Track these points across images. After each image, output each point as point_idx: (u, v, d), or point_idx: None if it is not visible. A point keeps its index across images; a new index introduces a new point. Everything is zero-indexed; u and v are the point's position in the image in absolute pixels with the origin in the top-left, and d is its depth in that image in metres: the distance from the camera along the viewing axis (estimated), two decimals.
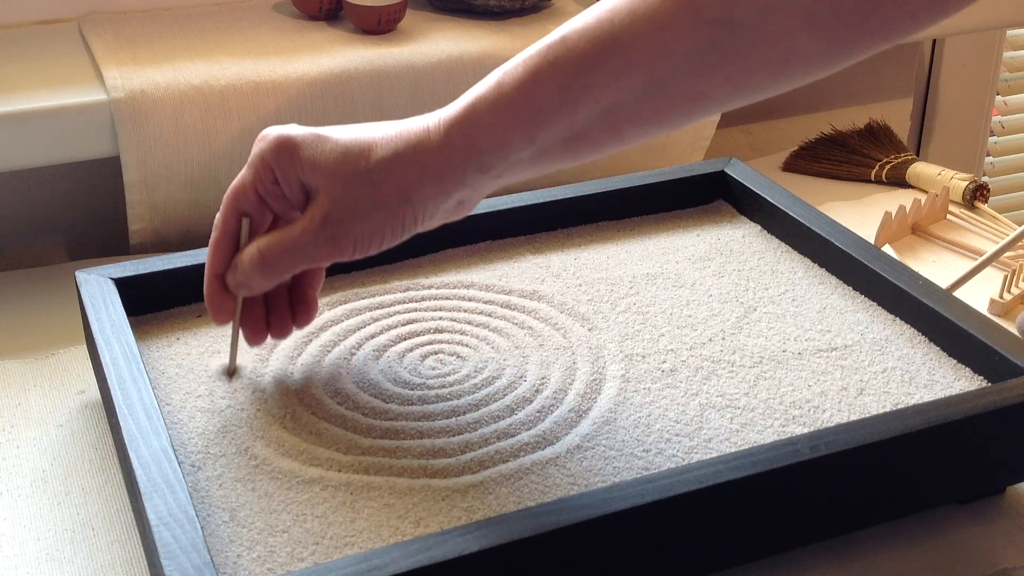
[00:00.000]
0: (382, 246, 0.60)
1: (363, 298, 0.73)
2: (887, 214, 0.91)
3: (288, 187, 0.60)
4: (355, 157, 0.58)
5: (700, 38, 0.53)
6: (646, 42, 0.54)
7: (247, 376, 0.66)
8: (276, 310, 0.65)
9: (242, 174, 0.61)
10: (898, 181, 1.03)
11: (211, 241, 0.62)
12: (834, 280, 0.75)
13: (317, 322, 0.70)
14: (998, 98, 1.47)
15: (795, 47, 0.53)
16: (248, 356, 0.67)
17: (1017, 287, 0.84)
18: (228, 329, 0.70)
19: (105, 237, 0.93)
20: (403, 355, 0.68)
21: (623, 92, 0.55)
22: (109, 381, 0.61)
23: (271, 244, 0.60)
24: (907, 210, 0.93)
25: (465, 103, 0.58)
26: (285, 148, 0.59)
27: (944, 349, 0.68)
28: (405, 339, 0.70)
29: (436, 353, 0.69)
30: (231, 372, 0.66)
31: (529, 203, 0.80)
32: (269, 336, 0.65)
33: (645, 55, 0.54)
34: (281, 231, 0.60)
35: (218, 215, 0.62)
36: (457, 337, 0.70)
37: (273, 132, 0.60)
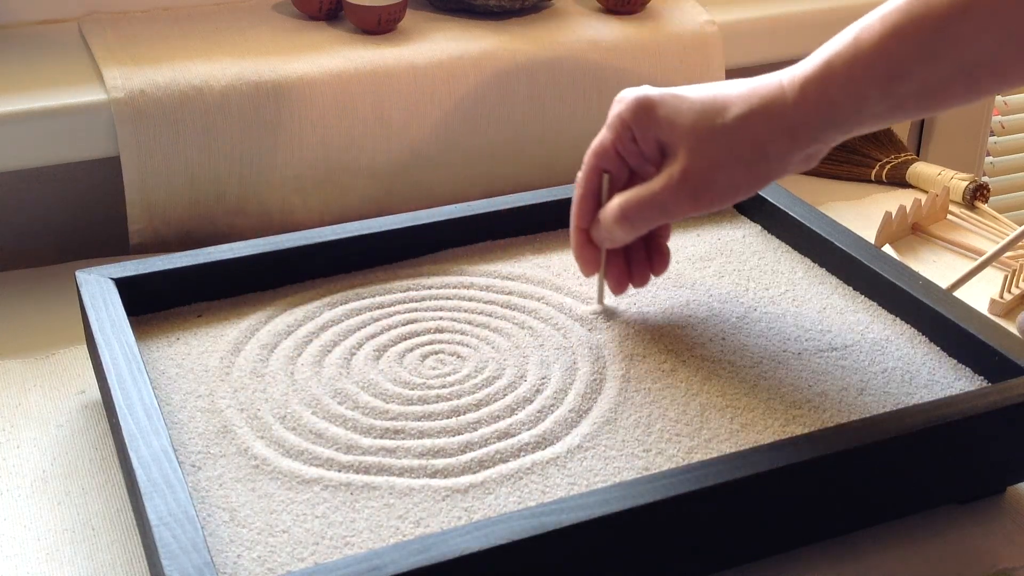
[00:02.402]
0: (736, 198, 0.63)
1: (363, 298, 0.73)
2: (887, 214, 0.91)
3: (646, 145, 0.64)
4: (711, 115, 0.61)
5: None
6: None
7: (247, 376, 0.66)
8: (636, 260, 0.70)
9: (602, 134, 0.66)
10: (898, 181, 1.03)
11: (575, 198, 0.67)
12: (834, 280, 0.75)
13: (317, 322, 0.70)
14: (998, 98, 1.47)
15: None
16: (249, 356, 0.67)
17: (1017, 287, 0.84)
18: (225, 331, 0.70)
19: (105, 237, 0.93)
20: (403, 355, 0.68)
21: (985, 45, 0.57)
22: (109, 381, 0.61)
23: (632, 200, 0.64)
24: (907, 210, 0.93)
25: (820, 60, 0.60)
26: (643, 108, 0.63)
27: (944, 349, 0.68)
28: (405, 339, 0.70)
29: (436, 353, 0.69)
30: (604, 309, 0.71)
31: (529, 203, 0.80)
32: (631, 285, 0.70)
33: (1012, 7, 0.55)
34: (641, 187, 0.64)
35: (580, 173, 0.67)
36: (457, 337, 0.70)
37: (631, 94, 0.64)
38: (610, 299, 0.72)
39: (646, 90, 0.64)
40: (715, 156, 0.61)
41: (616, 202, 0.65)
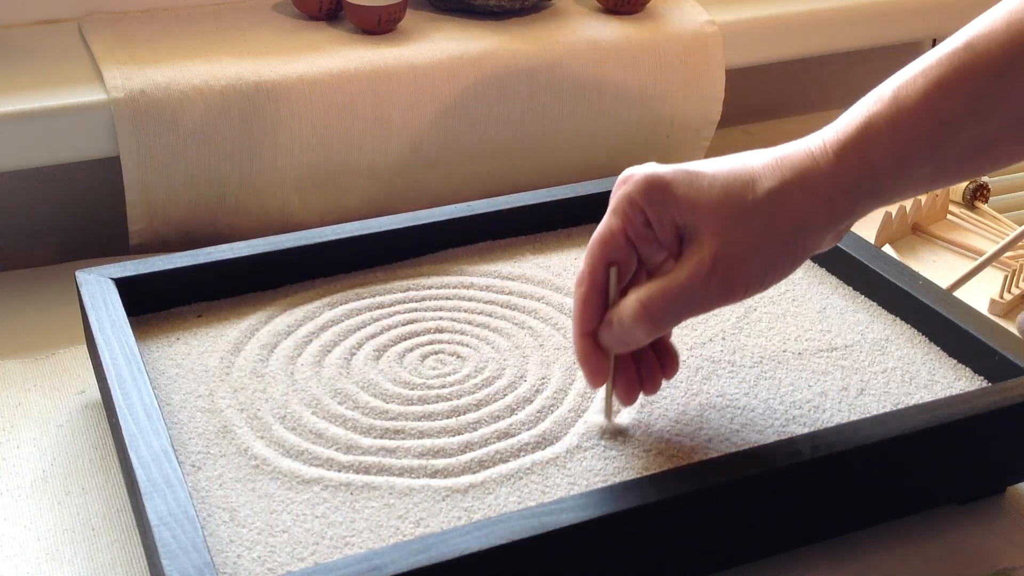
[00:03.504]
0: (769, 285, 0.56)
1: (363, 298, 0.73)
2: (887, 214, 0.91)
3: (661, 229, 0.56)
4: (739, 191, 0.55)
5: None
6: None
7: (247, 376, 0.66)
8: (646, 363, 0.60)
9: (607, 221, 0.57)
10: None
11: (579, 297, 0.58)
12: (834, 280, 0.75)
13: (317, 322, 0.70)
14: None
15: None
16: (249, 356, 0.67)
17: (1017, 287, 0.84)
18: (225, 331, 0.70)
19: (105, 237, 0.93)
20: (403, 355, 0.68)
21: None
22: (109, 381, 0.61)
23: (656, 294, 0.55)
24: (907, 210, 0.93)
25: (855, 122, 0.55)
26: (657, 187, 0.55)
27: (944, 349, 0.68)
28: (405, 339, 0.70)
29: (436, 353, 0.69)
30: (614, 429, 0.62)
31: (529, 203, 0.80)
32: (642, 393, 0.61)
33: None
34: (663, 279, 0.55)
35: (583, 268, 0.58)
36: (457, 337, 0.70)
37: (639, 172, 0.56)
38: (619, 415, 0.63)
39: (654, 167, 0.56)
40: (748, 237, 0.54)
41: (635, 298, 0.56)
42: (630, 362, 0.60)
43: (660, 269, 0.58)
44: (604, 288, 0.57)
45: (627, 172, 0.57)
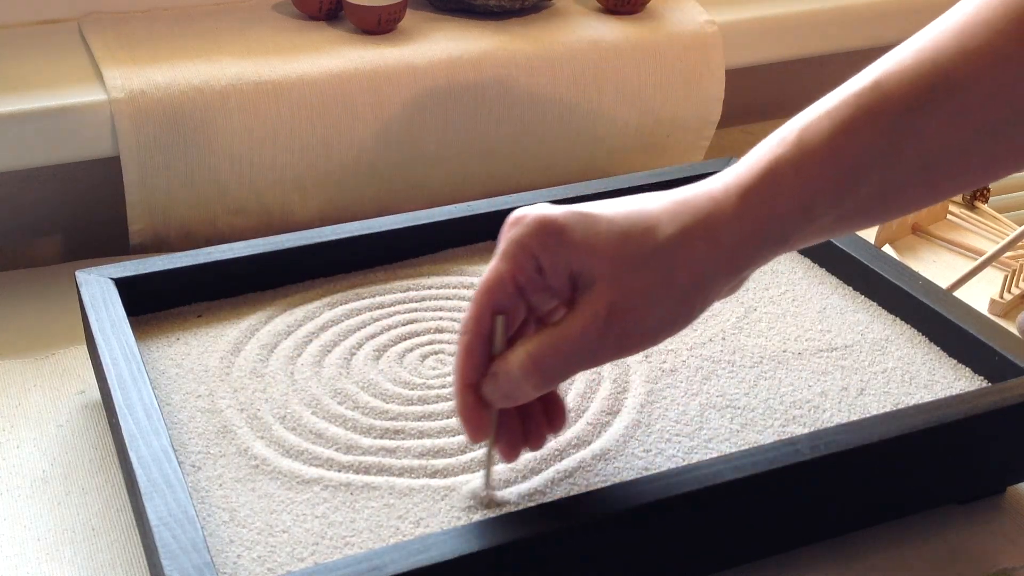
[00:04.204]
0: (666, 337, 0.53)
1: (363, 298, 0.73)
2: None
3: (554, 276, 0.52)
4: (638, 236, 0.51)
5: None
6: (984, 82, 0.49)
7: (247, 376, 0.66)
8: (531, 416, 0.56)
9: (495, 266, 0.53)
10: None
11: (462, 346, 0.54)
12: (834, 280, 0.75)
13: (317, 322, 0.70)
14: None
15: None
16: (249, 356, 0.67)
17: (1017, 287, 0.84)
18: (225, 331, 0.70)
19: (105, 237, 0.93)
20: (403, 355, 0.68)
21: (952, 139, 0.50)
22: (109, 381, 0.61)
23: (545, 347, 0.52)
24: None
25: (759, 165, 0.51)
26: (551, 231, 0.51)
27: (944, 349, 0.68)
28: (405, 339, 0.70)
29: (436, 353, 0.69)
30: (490, 500, 0.57)
31: (529, 203, 0.79)
32: (526, 449, 0.57)
33: (982, 96, 0.49)
34: (552, 330, 0.52)
35: (467, 316, 0.54)
36: (457, 337, 0.70)
37: (530, 214, 0.52)
38: (498, 482, 0.58)
39: (547, 209, 0.52)
40: (646, 287, 0.51)
41: (524, 351, 0.52)
42: (515, 416, 0.56)
43: (550, 317, 0.55)
44: (489, 337, 0.53)
45: (518, 213, 0.53)
